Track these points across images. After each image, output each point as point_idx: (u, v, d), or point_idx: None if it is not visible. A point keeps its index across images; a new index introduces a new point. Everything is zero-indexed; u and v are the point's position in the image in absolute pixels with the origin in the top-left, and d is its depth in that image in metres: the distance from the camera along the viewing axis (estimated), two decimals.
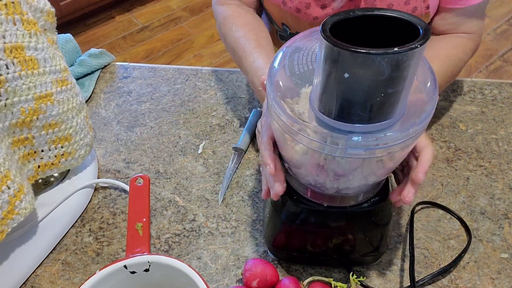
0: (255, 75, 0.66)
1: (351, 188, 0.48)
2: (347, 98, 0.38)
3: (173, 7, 2.64)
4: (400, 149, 0.43)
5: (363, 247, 0.56)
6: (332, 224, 0.53)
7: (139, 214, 0.58)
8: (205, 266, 0.60)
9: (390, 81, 0.36)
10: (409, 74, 0.36)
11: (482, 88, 0.83)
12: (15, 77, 0.53)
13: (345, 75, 0.35)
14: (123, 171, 0.73)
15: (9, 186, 0.53)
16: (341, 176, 0.45)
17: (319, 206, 0.51)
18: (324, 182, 0.47)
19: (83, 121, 0.66)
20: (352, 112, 0.38)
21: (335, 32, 0.35)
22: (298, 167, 0.49)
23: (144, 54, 2.35)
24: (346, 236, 0.54)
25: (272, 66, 0.45)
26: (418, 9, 0.68)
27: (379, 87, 0.36)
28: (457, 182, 0.69)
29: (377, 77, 0.35)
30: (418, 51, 0.34)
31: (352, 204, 0.51)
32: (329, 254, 0.57)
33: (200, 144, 0.76)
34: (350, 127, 0.39)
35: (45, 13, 0.59)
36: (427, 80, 0.43)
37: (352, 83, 0.36)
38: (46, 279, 0.60)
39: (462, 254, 0.60)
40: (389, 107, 0.38)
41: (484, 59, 2.21)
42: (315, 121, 0.41)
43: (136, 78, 0.89)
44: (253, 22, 0.75)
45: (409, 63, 0.35)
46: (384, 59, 0.34)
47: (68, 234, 0.65)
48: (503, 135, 0.75)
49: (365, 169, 0.45)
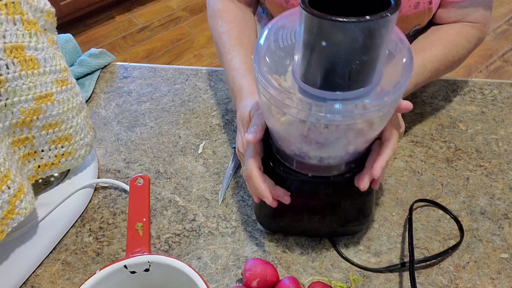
0: (230, 75, 0.67)
1: (333, 157, 0.51)
2: (325, 66, 0.41)
3: (173, 7, 2.64)
4: (378, 118, 0.46)
5: (346, 216, 0.59)
6: (317, 193, 0.56)
7: (139, 214, 0.58)
8: (205, 266, 0.60)
9: (365, 49, 0.39)
10: (382, 43, 0.40)
11: (482, 88, 0.83)
12: (15, 77, 0.53)
13: (323, 43, 0.38)
14: (123, 171, 0.73)
15: (9, 186, 0.53)
16: (323, 145, 0.49)
17: (304, 176, 0.54)
18: (307, 151, 0.50)
19: (83, 121, 0.66)
20: (331, 80, 0.42)
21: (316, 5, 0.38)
22: (284, 138, 0.51)
23: (144, 54, 2.35)
24: (330, 205, 0.57)
25: (258, 44, 0.48)
26: (421, 5, 0.68)
27: (354, 54, 0.39)
28: (457, 182, 0.69)
29: (352, 45, 0.38)
30: (389, 20, 0.37)
31: (335, 174, 0.54)
32: (314, 223, 0.59)
33: (200, 144, 0.76)
34: (329, 94, 0.42)
35: (45, 13, 0.59)
36: (404, 57, 0.47)
37: (329, 51, 0.39)
38: (46, 279, 0.60)
39: (449, 250, 0.60)
40: (365, 75, 0.41)
41: (484, 59, 2.21)
42: (298, 92, 0.44)
43: (136, 78, 0.89)
44: (240, 18, 0.75)
45: (381, 31, 0.38)
46: (357, 27, 0.37)
47: (68, 234, 0.65)
48: (503, 135, 0.75)
49: (346, 138, 0.48)
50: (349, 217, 0.59)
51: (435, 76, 0.71)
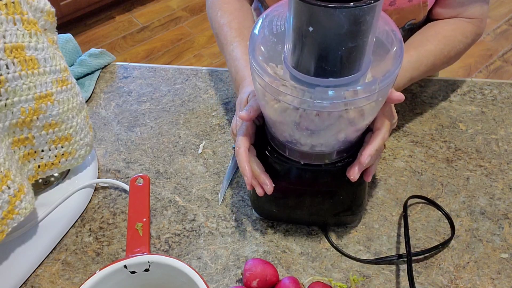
0: (233, 65, 0.69)
1: (324, 145, 0.52)
2: (313, 52, 0.42)
3: (173, 7, 2.64)
4: (368, 107, 0.47)
5: (337, 206, 0.59)
6: (308, 181, 0.57)
7: (139, 214, 0.58)
8: (205, 266, 0.60)
9: (350, 35, 0.40)
10: (368, 29, 0.40)
11: (482, 88, 0.83)
12: (15, 77, 0.53)
13: (310, 28, 0.39)
14: (123, 171, 0.73)
15: (9, 186, 0.53)
16: (314, 132, 0.49)
17: (296, 164, 0.55)
18: (299, 138, 0.51)
19: (83, 121, 0.66)
20: (319, 66, 0.42)
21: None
22: (277, 124, 0.52)
23: (144, 54, 2.35)
24: (322, 193, 0.58)
25: (253, 33, 0.49)
26: None
27: (341, 40, 0.40)
28: (457, 182, 0.69)
29: (338, 31, 0.39)
30: (375, 6, 0.38)
31: (327, 163, 0.55)
32: (306, 211, 0.60)
33: (200, 144, 0.76)
34: (319, 81, 0.43)
35: (45, 13, 0.59)
36: (394, 47, 0.48)
37: (316, 36, 0.40)
38: (46, 279, 0.60)
39: (439, 246, 0.60)
40: (353, 61, 0.42)
41: (484, 59, 2.21)
42: (290, 78, 0.45)
43: (136, 78, 0.89)
44: (239, 10, 0.77)
45: (365, 18, 0.39)
46: (342, 13, 0.38)
47: (68, 234, 0.65)
48: (503, 135, 0.75)
49: (337, 126, 0.48)
50: (341, 206, 0.60)
51: (432, 71, 0.71)
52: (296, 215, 0.62)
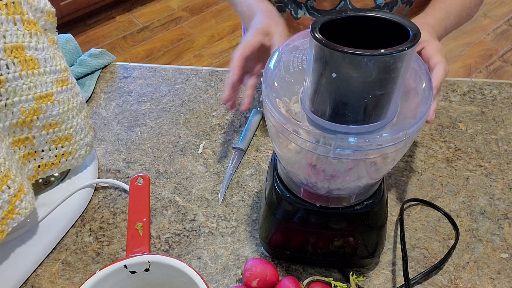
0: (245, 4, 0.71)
1: (343, 189, 0.48)
2: (335, 98, 0.38)
3: (173, 7, 2.64)
4: (393, 152, 0.42)
5: (355, 250, 0.55)
6: (324, 225, 0.53)
7: (139, 214, 0.58)
8: (205, 266, 0.60)
9: (378, 83, 0.36)
10: (398, 77, 0.36)
11: (482, 88, 0.83)
12: (16, 77, 0.53)
13: (333, 75, 0.36)
14: (123, 171, 0.73)
15: (10, 186, 0.53)
16: (333, 177, 0.45)
17: (311, 206, 0.51)
18: (315, 182, 0.47)
19: (83, 121, 0.66)
20: (342, 113, 0.38)
21: (327, 32, 0.35)
22: (291, 165, 0.49)
23: (144, 54, 2.35)
24: (338, 237, 0.54)
25: (267, 67, 0.45)
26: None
27: (366, 88, 0.36)
28: (457, 182, 0.69)
29: (364, 78, 0.35)
30: (406, 54, 0.34)
31: (345, 206, 0.51)
32: (321, 254, 0.56)
33: (200, 144, 0.76)
34: (340, 127, 0.39)
35: (45, 13, 0.59)
36: (422, 82, 0.43)
37: (340, 83, 0.36)
38: (46, 278, 0.60)
39: (451, 251, 0.60)
40: (378, 109, 0.38)
41: (484, 59, 2.21)
42: (307, 121, 0.41)
43: (136, 78, 0.89)
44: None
45: (396, 65, 0.35)
46: (370, 61, 0.34)
47: (68, 234, 0.65)
48: (503, 135, 0.75)
49: (357, 171, 0.44)
50: (359, 251, 0.55)
51: (458, 24, 0.73)
52: (309, 257, 0.58)
